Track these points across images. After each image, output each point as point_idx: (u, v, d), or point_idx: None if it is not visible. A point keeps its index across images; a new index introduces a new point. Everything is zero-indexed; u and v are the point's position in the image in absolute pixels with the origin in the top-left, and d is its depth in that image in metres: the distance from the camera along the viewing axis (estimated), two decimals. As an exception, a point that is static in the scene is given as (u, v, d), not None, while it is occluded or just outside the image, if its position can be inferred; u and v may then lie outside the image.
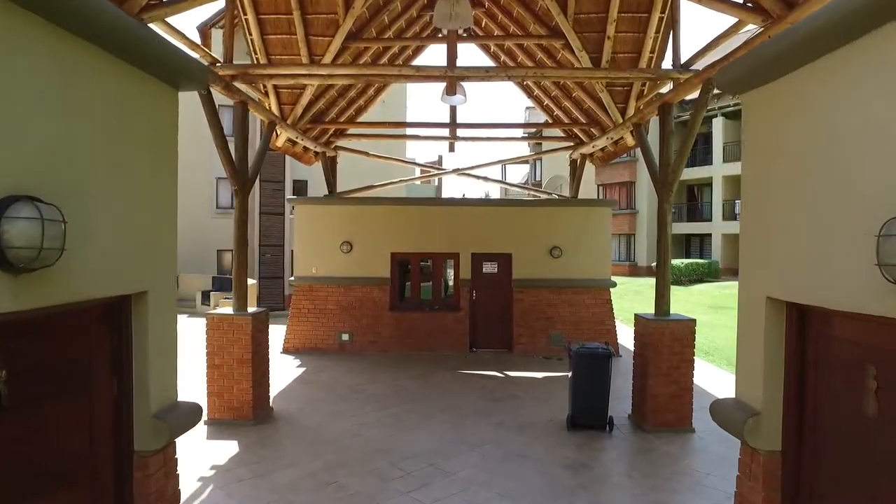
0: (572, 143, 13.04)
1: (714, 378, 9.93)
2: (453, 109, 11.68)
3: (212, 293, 17.74)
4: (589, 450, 6.75)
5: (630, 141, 10.35)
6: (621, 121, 9.74)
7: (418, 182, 40.87)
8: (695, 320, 7.27)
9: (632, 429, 7.42)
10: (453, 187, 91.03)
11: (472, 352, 12.39)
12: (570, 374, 7.42)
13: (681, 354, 7.10)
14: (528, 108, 43.91)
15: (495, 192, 53.92)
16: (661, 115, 7.32)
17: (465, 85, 8.87)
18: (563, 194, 13.83)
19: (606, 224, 12.67)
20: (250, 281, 16.29)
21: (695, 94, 6.91)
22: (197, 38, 10.13)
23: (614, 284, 12.56)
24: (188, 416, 3.05)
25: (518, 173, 56.57)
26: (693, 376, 7.20)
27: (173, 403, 2.94)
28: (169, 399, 2.92)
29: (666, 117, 7.25)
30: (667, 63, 7.65)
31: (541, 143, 38.20)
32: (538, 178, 45.28)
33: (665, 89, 8.08)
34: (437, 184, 41.69)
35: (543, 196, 14.29)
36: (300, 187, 22.50)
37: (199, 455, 6.39)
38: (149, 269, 2.47)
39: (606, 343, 7.50)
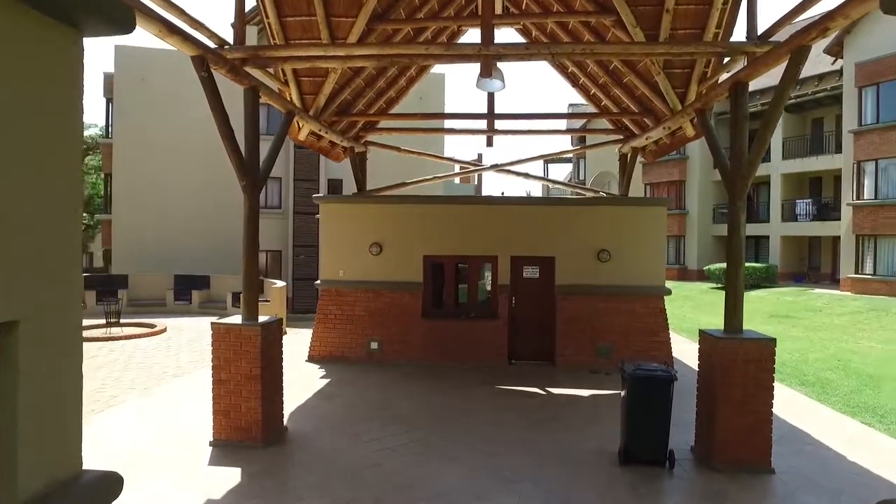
0: (622, 136, 11.89)
1: (790, 404, 8.65)
2: (491, 99, 10.73)
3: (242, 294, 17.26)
4: (647, 492, 5.69)
5: (690, 131, 9.19)
6: (680, 108, 8.61)
7: (457, 181, 40.08)
8: (774, 340, 6.10)
9: (696, 466, 6.31)
10: (493, 187, 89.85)
11: (510, 364, 11.40)
12: (622, 394, 6.38)
13: (757, 379, 5.96)
14: (570, 104, 42.50)
15: (537, 191, 52.60)
16: (734, 96, 6.20)
17: (504, 69, 7.94)
18: (612, 192, 12.69)
19: (660, 225, 11.47)
20: (279, 283, 15.72)
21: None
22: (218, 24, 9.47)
23: (669, 292, 11.35)
24: (95, 494, 2.14)
25: (560, 173, 55.03)
26: (772, 406, 6.04)
27: (73, 476, 2.07)
28: (63, 471, 2.04)
29: (739, 99, 6.12)
30: (738, 37, 6.54)
31: (584, 139, 36.89)
32: (582, 177, 43.74)
33: (736, 68, 6.93)
34: (476, 183, 40.72)
35: (589, 194, 13.18)
36: (335, 186, 21.95)
37: (195, 485, 5.64)
38: (20, 289, 1.69)
39: (666, 364, 6.42)
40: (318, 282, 11.67)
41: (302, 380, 9.90)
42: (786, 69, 5.40)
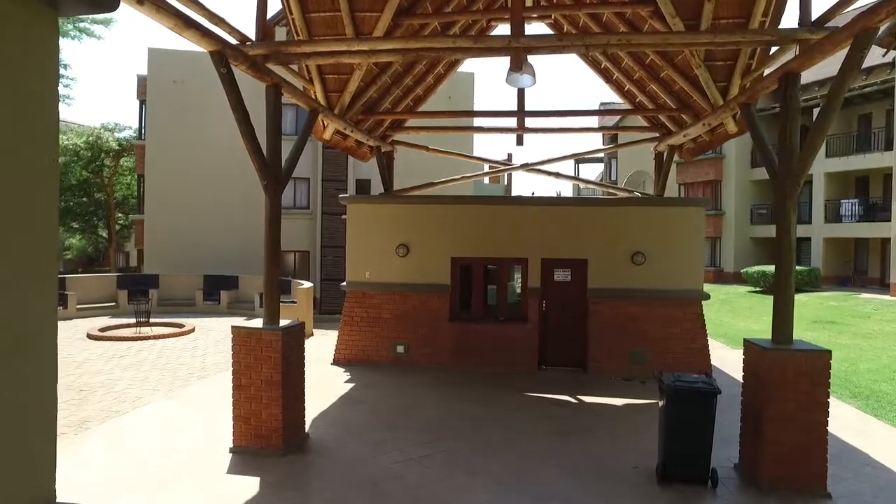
0: (657, 134, 11.40)
1: (843, 418, 8.04)
2: (521, 96, 10.38)
3: (264, 298, 17.25)
4: (687, 514, 5.29)
5: (732, 127, 8.68)
6: (721, 103, 8.12)
7: (486, 181, 39.61)
8: (829, 352, 5.62)
9: (741, 486, 5.86)
10: (524, 187, 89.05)
11: (541, 370, 11.02)
12: (660, 405, 5.98)
13: (811, 395, 5.49)
14: (602, 103, 41.68)
15: (568, 191, 51.80)
16: (784, 88, 5.73)
17: (534, 65, 7.59)
18: (646, 192, 12.20)
19: (698, 226, 10.94)
20: (306, 284, 15.62)
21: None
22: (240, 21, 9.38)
23: (707, 296, 10.82)
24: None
25: (591, 173, 54.07)
26: (827, 424, 5.56)
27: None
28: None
29: (790, 91, 5.65)
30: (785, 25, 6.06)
31: (616, 137, 36.05)
32: (614, 177, 42.85)
33: (785, 58, 6.45)
34: (505, 183, 40.25)
35: (622, 195, 12.71)
36: (364, 186, 21.82)
37: (212, 495, 5.46)
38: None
39: (707, 375, 5.98)
40: (344, 283, 11.48)
41: (326, 383, 9.71)
42: (847, 55, 4.93)
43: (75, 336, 14.16)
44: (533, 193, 44.15)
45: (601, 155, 48.53)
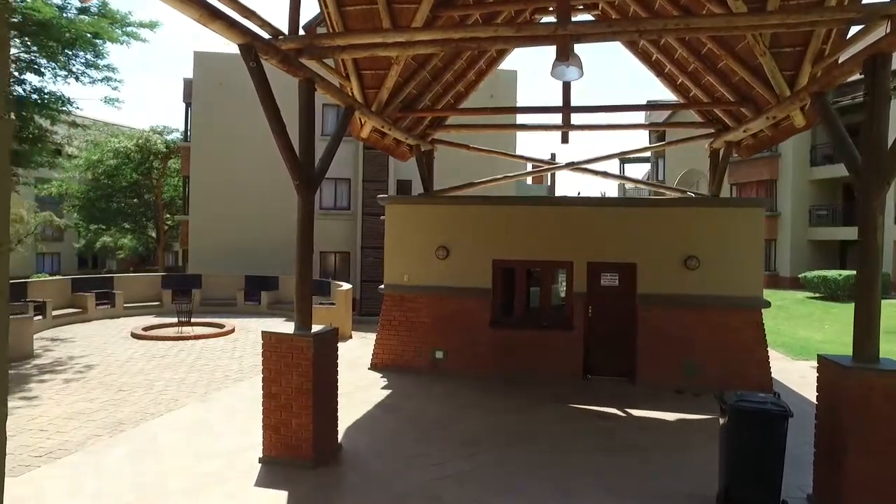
0: (713, 130, 10.68)
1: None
2: (566, 91, 9.87)
3: (295, 301, 17.19)
4: (756, 552, 4.72)
5: (800, 120, 7.95)
6: (789, 93, 7.43)
7: (528, 181, 38.91)
8: (924, 372, 4.94)
9: (817, 519, 5.23)
10: (567, 188, 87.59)
11: (585, 379, 10.47)
12: (720, 423, 5.40)
13: (902, 423, 4.82)
14: (649, 101, 40.36)
15: (612, 193, 50.50)
16: (871, 72, 5.08)
17: (580, 56, 7.10)
18: (700, 192, 11.46)
19: (758, 228, 10.18)
20: (345, 285, 15.43)
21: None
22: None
23: (768, 304, 10.04)
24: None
25: (637, 174, 52.52)
26: (922, 456, 4.88)
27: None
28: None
29: (879, 75, 4.99)
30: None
31: (664, 135, 34.75)
32: (661, 178, 41.45)
33: (869, 39, 5.76)
34: (548, 184, 39.48)
35: (675, 195, 12.01)
36: (405, 187, 21.59)
37: (239, 511, 5.20)
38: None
39: (777, 395, 5.37)
40: (382, 286, 11.19)
41: (362, 390, 9.42)
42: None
43: (120, 335, 14.35)
44: (579, 194, 43.02)
45: (647, 155, 47.11)
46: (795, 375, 11.03)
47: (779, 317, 20.49)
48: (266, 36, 5.90)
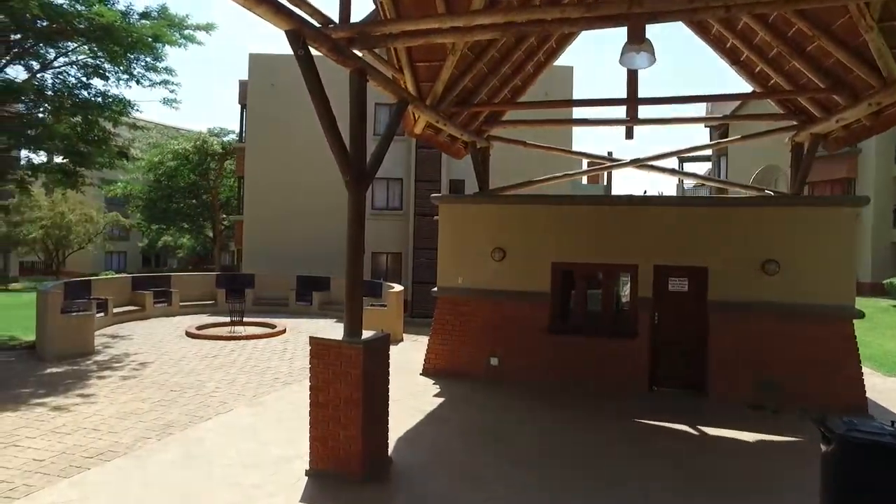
0: (795, 122, 9.76)
1: None
2: (633, 82, 9.18)
3: (345, 306, 16.98)
4: None
5: (909, 108, 7.05)
6: (896, 77, 6.56)
7: (584, 181, 37.79)
8: None
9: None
10: (624, 188, 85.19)
11: (651, 391, 9.75)
12: (822, 451, 4.69)
13: None
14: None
15: (668, 193, 48.54)
16: None
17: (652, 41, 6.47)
18: (779, 191, 10.51)
19: (849, 230, 9.20)
20: (396, 287, 15.12)
21: None
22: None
23: (861, 314, 9.05)
24: None
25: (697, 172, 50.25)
26: None
27: None
28: None
29: None
30: None
31: (727, 133, 33.01)
32: (724, 177, 39.43)
33: None
34: (605, 183, 38.31)
35: (751, 194, 11.08)
36: (458, 187, 21.16)
37: (283, 530, 4.85)
38: None
39: (864, 411, 4.60)
40: (435, 289, 10.77)
41: (413, 397, 9.02)
42: None
43: (175, 333, 14.50)
44: (645, 193, 41.33)
45: (708, 153, 45.06)
46: (891, 395, 9.96)
47: (861, 327, 18.87)
48: (316, 24, 5.56)
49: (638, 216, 9.93)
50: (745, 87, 10.37)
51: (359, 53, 6.10)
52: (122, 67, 14.26)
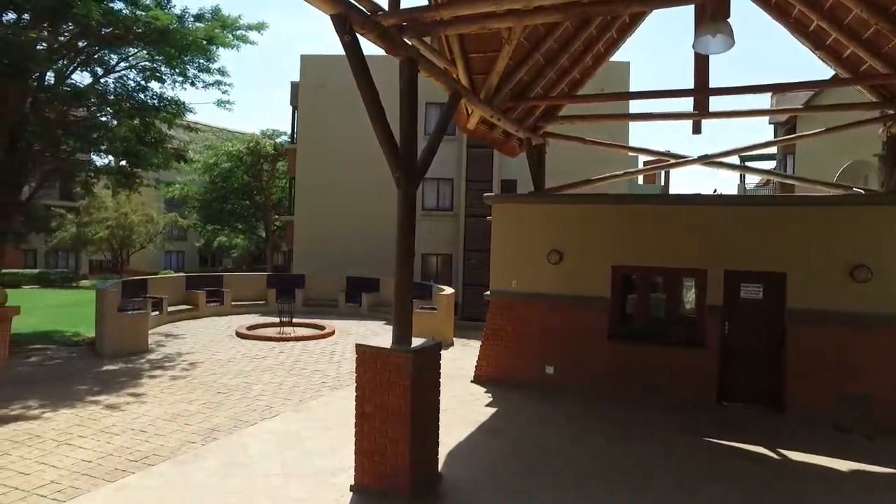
0: (892, 111, 8.81)
1: None
2: (704, 70, 8.49)
3: (394, 310, 16.69)
4: None
5: None
6: None
7: (640, 181, 36.43)
8: None
9: None
10: (681, 189, 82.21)
11: (720, 405, 9.00)
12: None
13: None
14: (774, 93, 36.39)
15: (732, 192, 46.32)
16: None
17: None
18: (870, 188, 9.57)
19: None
20: (447, 289, 14.74)
21: None
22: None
23: (966, 326, 8.06)
24: None
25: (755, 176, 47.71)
26: None
27: None
28: None
29: None
30: None
31: (794, 129, 31.02)
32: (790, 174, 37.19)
33: None
34: (662, 183, 36.89)
35: (838, 192, 10.13)
36: (509, 187, 20.65)
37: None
38: None
39: None
40: (488, 293, 10.32)
41: (464, 407, 8.60)
42: None
43: (225, 333, 14.57)
44: (715, 191, 39.45)
45: (773, 150, 42.70)
46: None
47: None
48: (364, 10, 5.21)
49: (707, 217, 9.21)
50: (815, 75, 9.47)
51: (409, 42, 5.73)
52: (177, 70, 14.45)
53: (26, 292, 27.02)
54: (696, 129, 9.83)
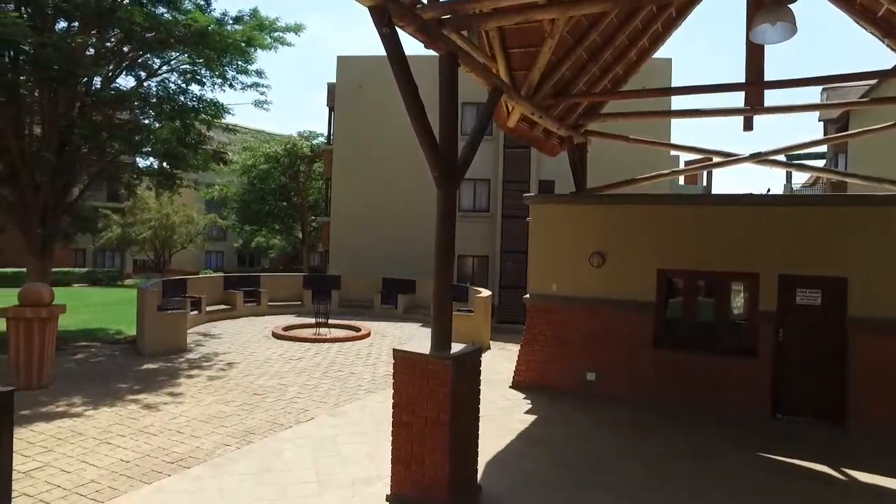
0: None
1: None
2: (758, 62, 8.01)
3: (433, 314, 16.50)
4: None
5: None
6: None
7: (681, 181, 35.42)
8: None
9: None
10: (724, 190, 79.86)
11: (774, 418, 8.50)
12: None
13: None
14: (824, 89, 34.89)
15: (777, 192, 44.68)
16: None
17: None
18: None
19: None
20: (484, 292, 14.48)
21: None
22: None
23: None
24: None
25: (803, 176, 45.80)
26: None
27: None
28: None
29: None
30: None
31: (847, 126, 29.62)
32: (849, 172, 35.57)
33: None
34: (704, 184, 35.84)
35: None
36: (547, 188, 20.24)
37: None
38: None
39: None
40: (527, 296, 10.02)
41: (502, 414, 8.33)
42: None
43: (262, 333, 14.63)
44: (768, 191, 38.09)
45: (823, 149, 41.03)
46: None
47: None
48: (403, 1, 5.01)
49: (760, 218, 8.71)
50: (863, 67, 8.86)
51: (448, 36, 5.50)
52: (216, 72, 14.58)
53: (76, 290, 27.92)
54: (748, 126, 9.30)
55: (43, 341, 9.08)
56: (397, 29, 4.83)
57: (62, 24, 13.30)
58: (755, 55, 7.97)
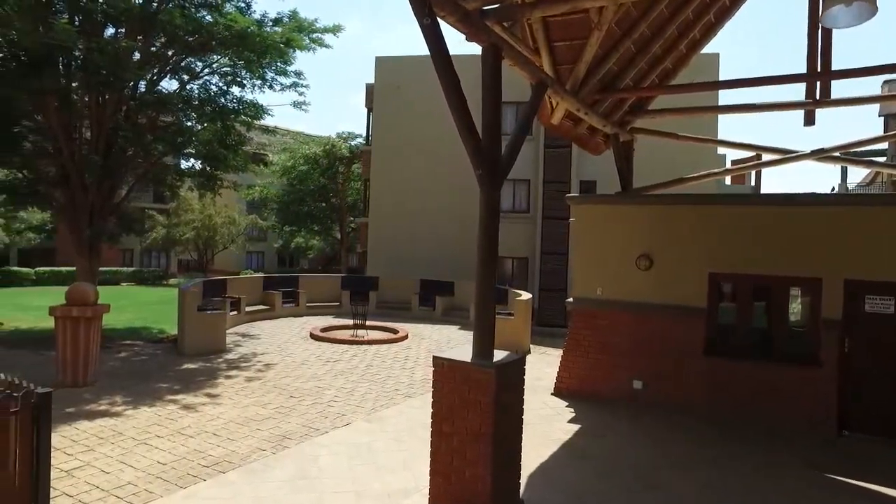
0: None
1: None
2: (824, 50, 7.48)
3: (475, 320, 16.19)
4: None
5: None
6: None
7: (727, 181, 34.12)
8: None
9: None
10: (773, 190, 77.09)
11: (841, 436, 7.91)
12: None
13: None
14: (885, 81, 33.19)
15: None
16: None
17: None
18: None
19: None
20: (524, 295, 14.12)
21: None
22: None
23: None
24: None
25: (860, 174, 43.72)
26: None
27: None
28: None
29: None
30: None
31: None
32: (899, 174, 33.73)
33: None
34: (752, 184, 34.44)
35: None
36: (588, 188, 19.73)
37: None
38: None
39: None
40: (570, 300, 9.65)
41: (544, 422, 8.00)
42: None
43: (300, 334, 14.62)
44: (833, 189, 36.45)
45: (884, 146, 39.01)
46: None
47: None
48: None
49: (823, 219, 8.14)
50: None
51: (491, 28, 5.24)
52: (256, 74, 14.67)
53: (123, 289, 28.70)
54: (809, 120, 8.74)
55: (88, 340, 9.20)
56: (439, 20, 4.59)
57: (110, 31, 13.59)
58: (823, 42, 7.43)
